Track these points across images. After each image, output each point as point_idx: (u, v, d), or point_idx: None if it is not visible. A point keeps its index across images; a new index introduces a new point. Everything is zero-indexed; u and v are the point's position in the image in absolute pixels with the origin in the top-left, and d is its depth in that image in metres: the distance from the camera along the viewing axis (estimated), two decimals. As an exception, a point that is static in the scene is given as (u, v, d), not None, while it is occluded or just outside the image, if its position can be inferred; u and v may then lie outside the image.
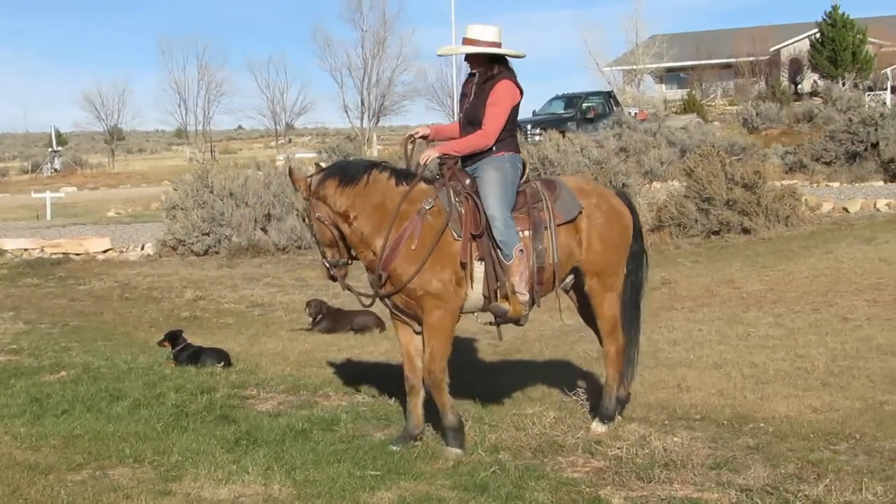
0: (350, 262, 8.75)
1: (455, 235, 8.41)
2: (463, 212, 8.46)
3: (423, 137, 9.11)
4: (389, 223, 8.37)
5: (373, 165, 8.64)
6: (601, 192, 9.14)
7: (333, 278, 8.79)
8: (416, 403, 8.77)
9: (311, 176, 8.59)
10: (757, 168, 23.02)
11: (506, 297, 8.56)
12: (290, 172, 8.89)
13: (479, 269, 8.49)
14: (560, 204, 8.70)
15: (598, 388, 9.95)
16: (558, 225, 8.66)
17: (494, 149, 8.62)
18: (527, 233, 8.61)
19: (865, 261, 17.98)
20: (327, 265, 8.69)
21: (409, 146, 9.10)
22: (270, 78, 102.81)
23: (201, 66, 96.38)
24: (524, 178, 8.80)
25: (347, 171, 8.55)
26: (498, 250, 8.45)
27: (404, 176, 8.64)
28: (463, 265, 8.41)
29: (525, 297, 8.56)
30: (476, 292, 8.56)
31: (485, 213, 8.44)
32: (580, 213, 8.73)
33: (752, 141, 37.12)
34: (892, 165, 31.70)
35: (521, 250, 8.46)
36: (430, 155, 8.63)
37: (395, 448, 8.46)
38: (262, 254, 23.37)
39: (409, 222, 8.36)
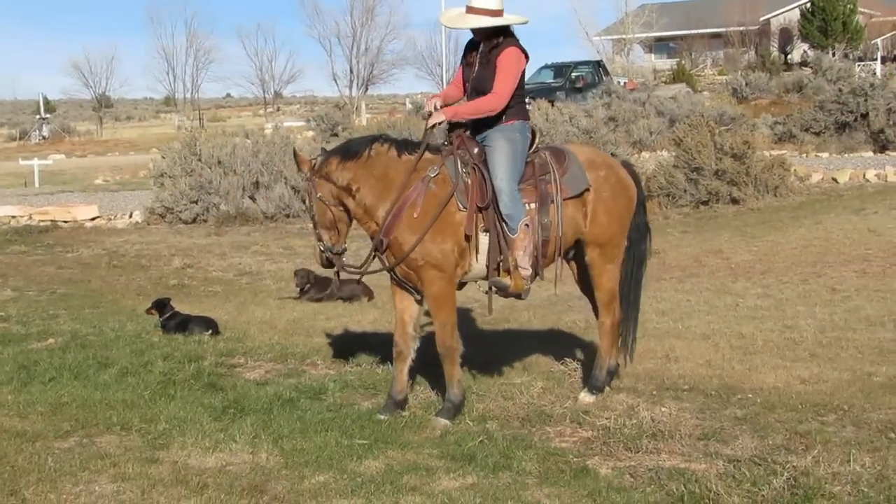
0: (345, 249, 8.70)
1: (460, 206, 8.37)
2: (469, 182, 8.42)
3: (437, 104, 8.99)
4: (393, 192, 8.33)
5: (375, 139, 8.57)
6: (610, 163, 9.03)
7: (329, 264, 8.66)
8: (402, 370, 8.78)
9: (316, 157, 8.52)
10: (746, 138, 23.05)
11: (507, 272, 8.55)
12: (295, 154, 8.72)
13: (483, 240, 8.46)
14: (568, 177, 8.63)
15: (587, 358, 9.98)
16: (565, 199, 8.62)
17: (504, 117, 8.55)
18: (533, 205, 8.54)
19: (854, 231, 18.04)
20: (322, 249, 8.56)
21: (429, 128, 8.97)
22: (259, 45, 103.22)
23: (189, 33, 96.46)
24: (534, 147, 8.76)
25: (350, 148, 8.49)
26: (503, 223, 8.42)
27: (407, 146, 8.57)
28: (468, 237, 8.38)
29: (528, 272, 8.53)
30: (480, 263, 8.53)
31: (492, 185, 8.41)
32: (588, 188, 8.69)
33: (741, 111, 37.07)
34: (881, 136, 31.80)
35: (526, 224, 8.42)
36: (437, 119, 8.55)
37: (382, 417, 8.47)
38: (249, 222, 23.37)
39: (411, 190, 8.31)
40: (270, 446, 7.68)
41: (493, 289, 8.68)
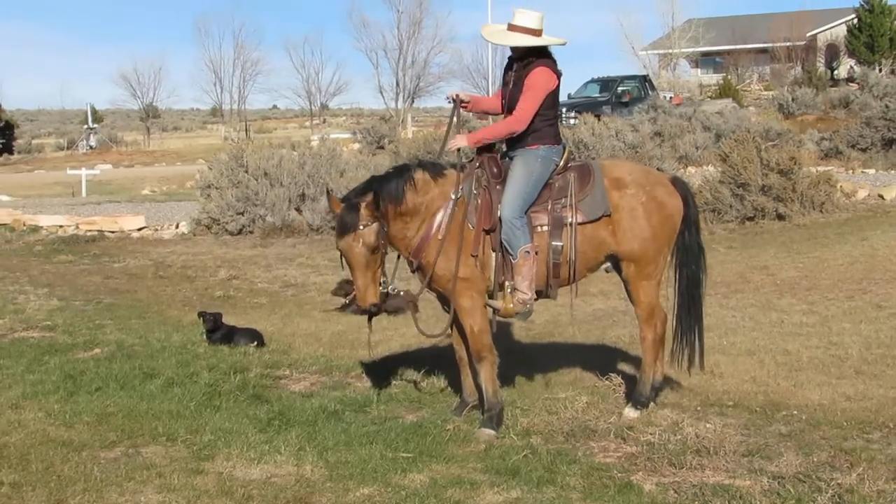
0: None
1: (470, 226, 8.45)
2: (479, 203, 8.48)
3: (463, 104, 9.06)
4: (423, 215, 8.47)
5: (404, 172, 8.57)
6: (642, 182, 8.92)
7: (374, 312, 8.55)
8: (467, 374, 9.04)
9: (358, 202, 8.29)
10: (792, 154, 22.90)
11: (504, 295, 8.59)
12: (329, 196, 8.60)
13: (493, 258, 8.56)
14: (587, 202, 8.64)
15: (631, 373, 9.96)
16: (581, 223, 8.63)
17: (530, 139, 8.61)
18: (546, 228, 8.60)
19: (901, 248, 17.89)
20: (369, 309, 8.43)
21: (451, 103, 9.07)
22: (306, 58, 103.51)
23: (237, 44, 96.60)
24: (564, 164, 8.76)
25: (389, 189, 8.41)
26: (505, 248, 8.50)
27: (434, 169, 8.63)
28: (474, 256, 8.45)
29: (525, 297, 8.56)
30: (490, 280, 8.63)
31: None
32: (607, 214, 8.68)
33: (787, 126, 36.90)
34: (928, 153, 31.55)
35: (527, 252, 8.44)
36: (459, 143, 8.62)
37: (455, 418, 8.68)
38: (295, 234, 23.40)
39: (438, 212, 8.45)
40: (315, 458, 7.72)
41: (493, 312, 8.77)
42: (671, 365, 9.46)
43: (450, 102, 9.08)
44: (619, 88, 51.41)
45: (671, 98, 52.77)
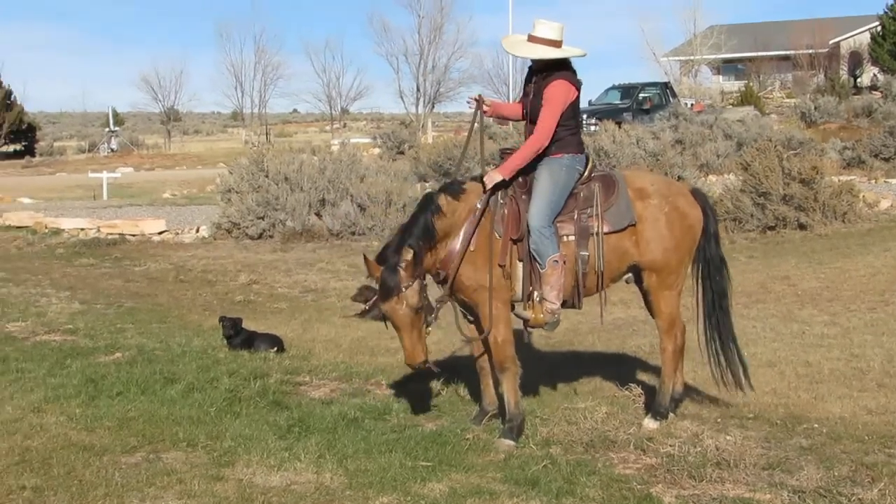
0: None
1: (497, 235, 8.45)
2: (506, 213, 8.48)
3: (483, 107, 9.02)
4: (453, 230, 8.46)
5: (430, 203, 8.50)
6: (665, 192, 8.93)
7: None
8: (488, 384, 9.05)
9: (397, 264, 8.26)
10: (814, 163, 22.82)
11: (533, 304, 8.60)
12: (367, 261, 8.53)
13: (519, 268, 8.55)
14: (612, 212, 8.65)
15: (651, 384, 9.94)
16: (607, 233, 8.64)
17: (554, 148, 8.59)
18: (572, 238, 8.61)
19: (924, 260, 17.83)
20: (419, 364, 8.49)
21: (472, 107, 9.04)
22: (327, 62, 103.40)
23: (258, 49, 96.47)
24: (587, 175, 8.76)
25: (424, 231, 8.36)
26: (532, 258, 8.49)
27: (454, 188, 8.60)
28: (501, 266, 8.44)
29: (554, 306, 8.57)
30: (517, 291, 8.62)
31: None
32: (632, 224, 8.68)
33: (809, 135, 36.81)
34: (951, 163, 31.43)
35: (555, 261, 8.44)
36: (495, 179, 8.48)
37: (475, 427, 8.67)
38: (315, 239, 23.42)
39: (466, 224, 8.44)
40: (335, 466, 7.72)
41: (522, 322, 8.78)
42: (717, 389, 9.42)
43: (470, 106, 9.05)
44: (641, 95, 51.37)
45: (692, 105, 52.76)
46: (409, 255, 8.18)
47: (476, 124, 9.16)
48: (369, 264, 8.39)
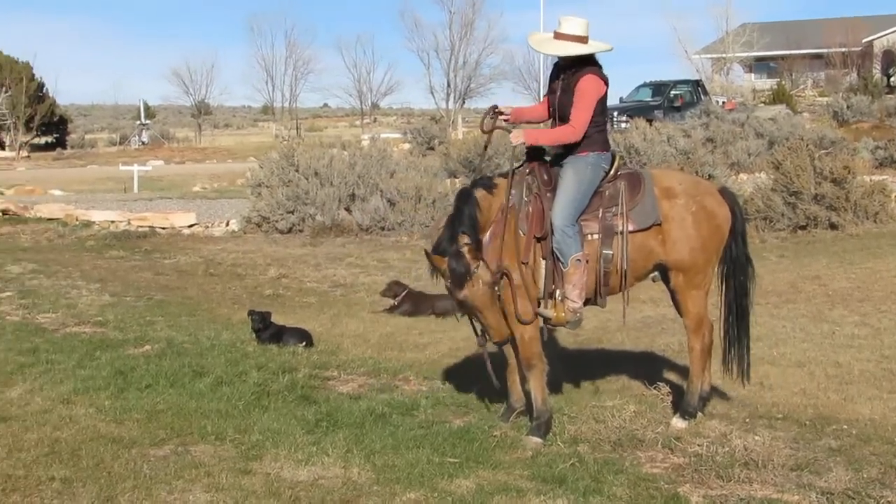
0: None
1: (521, 232, 8.44)
2: (530, 211, 8.46)
3: (504, 117, 9.01)
4: (485, 229, 8.44)
5: (470, 194, 8.48)
6: (692, 192, 8.89)
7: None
8: (515, 380, 9.04)
9: (460, 249, 8.28)
10: (846, 163, 22.71)
11: (555, 303, 8.59)
12: (429, 256, 8.47)
13: (542, 266, 8.54)
14: (637, 210, 8.63)
15: (680, 383, 9.91)
16: (632, 231, 8.63)
17: (580, 147, 8.59)
18: (596, 236, 8.59)
19: (956, 260, 17.73)
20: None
21: (490, 118, 9.03)
22: (357, 57, 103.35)
23: (289, 43, 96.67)
24: (612, 173, 8.75)
25: (470, 219, 8.36)
26: (555, 257, 8.48)
27: (489, 183, 8.60)
28: (524, 263, 8.44)
29: (576, 305, 8.56)
30: (540, 288, 8.62)
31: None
32: (657, 223, 8.67)
33: (841, 134, 36.64)
34: None
35: (578, 260, 8.44)
36: (519, 139, 8.51)
37: (502, 424, 8.69)
38: (345, 233, 23.46)
39: (496, 223, 8.43)
40: (362, 461, 7.74)
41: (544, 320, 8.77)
42: (722, 376, 9.41)
43: (491, 117, 9.04)
44: (672, 93, 51.22)
45: (724, 103, 52.57)
46: (466, 239, 8.22)
47: (493, 132, 9.12)
48: (432, 258, 8.37)
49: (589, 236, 8.55)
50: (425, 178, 24.77)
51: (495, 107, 9.01)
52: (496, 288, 8.33)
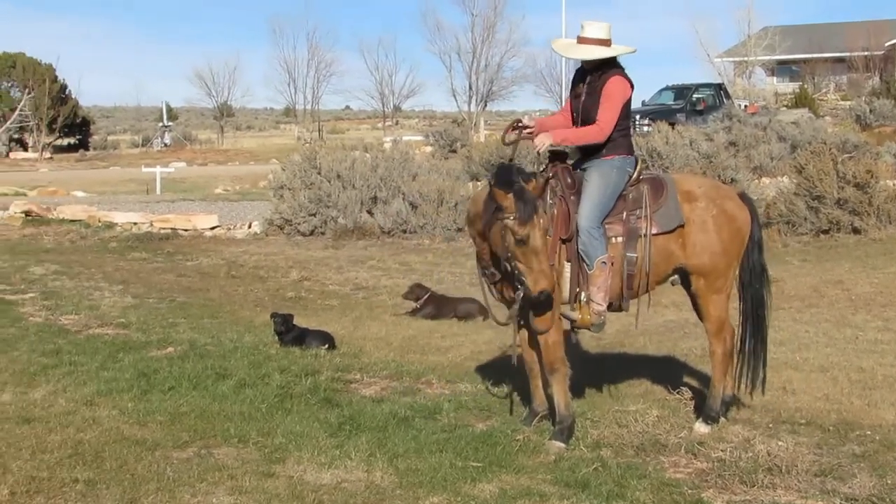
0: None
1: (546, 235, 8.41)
2: (556, 213, 8.45)
3: (528, 128, 9.00)
4: None
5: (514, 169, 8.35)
6: (712, 195, 8.91)
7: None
8: (537, 385, 9.04)
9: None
10: (869, 167, 22.58)
11: (580, 305, 8.59)
12: (493, 188, 8.18)
13: (567, 270, 8.52)
14: (661, 213, 8.64)
15: (702, 387, 9.89)
16: (655, 234, 8.62)
17: (604, 150, 8.62)
18: (620, 239, 8.60)
19: (979, 265, 17.65)
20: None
21: (514, 134, 9.02)
22: (379, 59, 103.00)
23: (311, 45, 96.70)
24: (636, 177, 8.75)
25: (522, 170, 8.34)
26: (580, 259, 8.48)
27: (527, 175, 8.47)
28: (550, 265, 8.40)
29: (601, 308, 8.58)
30: (564, 291, 8.61)
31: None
32: (681, 226, 8.67)
33: (864, 138, 36.43)
34: None
35: (603, 262, 8.44)
36: (546, 141, 8.51)
37: (525, 428, 8.68)
38: (367, 236, 23.48)
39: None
40: (385, 465, 7.73)
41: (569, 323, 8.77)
42: (734, 387, 9.38)
43: (514, 129, 9.01)
44: (694, 96, 51.09)
45: (746, 107, 52.40)
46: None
47: (516, 143, 9.12)
48: (495, 192, 8.04)
49: (613, 239, 8.56)
50: (447, 181, 24.80)
51: (518, 121, 9.02)
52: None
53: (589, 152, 8.70)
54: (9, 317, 14.09)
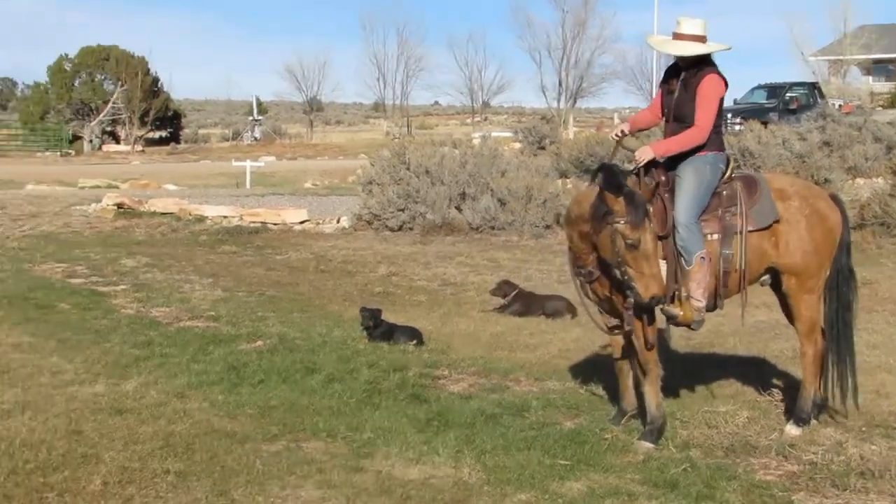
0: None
1: None
2: (651, 211, 8.39)
3: (624, 134, 9.06)
4: None
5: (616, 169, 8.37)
6: (805, 194, 8.85)
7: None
8: (627, 384, 9.00)
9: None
10: (966, 168, 22.27)
11: (680, 302, 8.52)
12: (601, 190, 8.15)
13: (663, 268, 8.43)
14: (756, 210, 8.57)
15: (794, 389, 9.76)
16: (750, 231, 8.55)
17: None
18: (716, 236, 8.54)
19: None
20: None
21: (616, 146, 9.09)
22: (469, 55, 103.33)
23: (401, 40, 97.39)
24: (728, 175, 8.69)
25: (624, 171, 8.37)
26: (679, 255, 8.42)
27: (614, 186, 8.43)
28: None
29: (700, 304, 8.52)
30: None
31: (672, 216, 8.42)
32: (776, 222, 8.59)
33: (961, 139, 35.90)
34: None
35: (702, 258, 8.38)
36: (646, 156, 8.47)
37: (613, 427, 8.65)
38: (454, 232, 23.44)
39: None
40: (473, 461, 7.74)
41: (668, 320, 8.72)
42: (824, 394, 9.25)
43: (615, 138, 9.16)
44: (787, 95, 50.54)
45: (841, 106, 51.75)
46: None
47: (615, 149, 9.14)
48: (605, 196, 7.98)
49: (709, 236, 8.50)
50: (536, 178, 24.69)
51: (621, 132, 9.13)
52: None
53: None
54: (101, 308, 14.27)
